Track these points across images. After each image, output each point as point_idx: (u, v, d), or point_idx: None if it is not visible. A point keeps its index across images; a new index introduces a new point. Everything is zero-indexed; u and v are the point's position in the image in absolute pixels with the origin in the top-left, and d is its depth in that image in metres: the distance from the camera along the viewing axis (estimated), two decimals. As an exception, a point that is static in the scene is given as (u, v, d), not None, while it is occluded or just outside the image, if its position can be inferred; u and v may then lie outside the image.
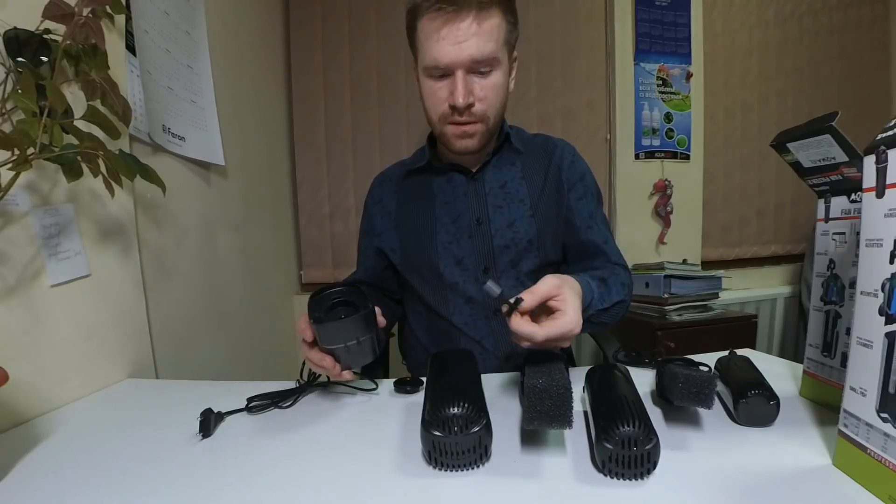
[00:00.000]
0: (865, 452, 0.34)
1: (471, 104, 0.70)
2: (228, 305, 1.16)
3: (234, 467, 0.43)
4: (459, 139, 0.75)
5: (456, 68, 0.68)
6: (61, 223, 0.63)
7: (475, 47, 0.67)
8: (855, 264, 0.43)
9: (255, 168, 1.36)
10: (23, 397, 0.56)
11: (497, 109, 0.74)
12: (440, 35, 0.67)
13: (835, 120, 0.41)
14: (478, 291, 0.79)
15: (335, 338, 0.52)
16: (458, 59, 0.67)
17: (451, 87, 0.70)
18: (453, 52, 0.67)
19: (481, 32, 0.67)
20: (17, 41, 0.54)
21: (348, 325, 0.52)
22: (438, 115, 0.74)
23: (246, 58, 1.33)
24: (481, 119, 0.73)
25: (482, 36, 0.67)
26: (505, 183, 0.81)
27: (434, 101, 0.73)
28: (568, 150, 0.86)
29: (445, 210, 0.81)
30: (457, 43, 0.67)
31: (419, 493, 0.37)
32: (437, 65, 0.69)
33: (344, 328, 0.52)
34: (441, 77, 0.71)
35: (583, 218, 0.81)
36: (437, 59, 0.68)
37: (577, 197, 0.82)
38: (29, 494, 0.40)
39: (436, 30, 0.67)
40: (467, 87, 0.69)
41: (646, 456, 0.36)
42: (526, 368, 0.46)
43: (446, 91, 0.71)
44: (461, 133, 0.74)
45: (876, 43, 2.03)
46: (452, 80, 0.69)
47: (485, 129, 0.74)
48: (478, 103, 0.71)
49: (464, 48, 0.67)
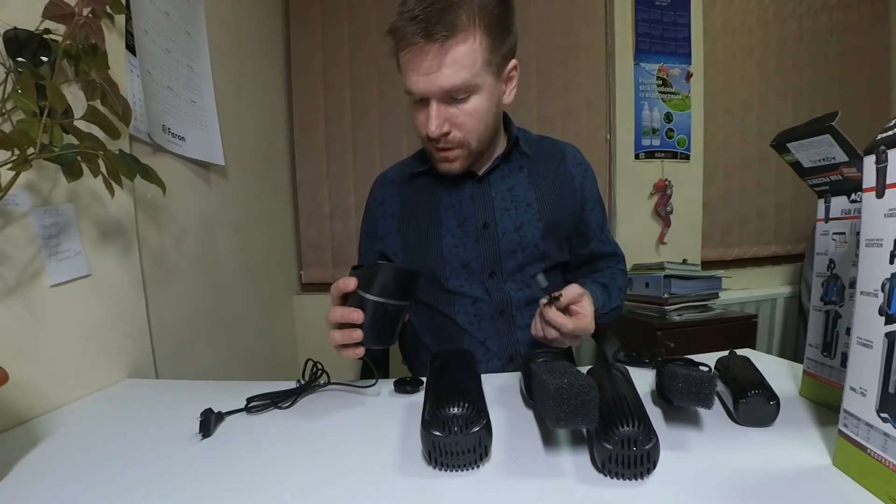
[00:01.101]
0: (865, 452, 0.34)
1: (446, 132, 0.70)
2: (228, 305, 1.16)
3: (234, 467, 0.43)
4: (441, 163, 0.76)
5: (430, 97, 0.68)
6: (61, 223, 0.63)
7: (444, 78, 0.65)
8: (855, 264, 0.43)
9: (255, 168, 1.36)
10: (23, 397, 0.56)
11: (480, 133, 0.73)
12: (410, 67, 0.67)
13: (835, 120, 0.41)
14: (484, 293, 0.79)
15: (385, 286, 0.54)
16: (428, 90, 0.67)
17: (426, 115, 0.69)
18: (423, 84, 0.66)
19: (449, 63, 0.65)
20: (17, 41, 0.54)
21: (402, 276, 0.54)
22: (422, 138, 0.75)
23: (246, 58, 1.33)
24: (459, 145, 0.72)
25: (451, 66, 0.65)
26: (512, 186, 0.81)
27: (417, 125, 0.74)
28: (577, 156, 0.88)
29: (451, 213, 0.81)
30: (426, 74, 0.66)
31: (419, 493, 0.37)
32: (412, 93, 0.69)
33: (397, 279, 0.54)
34: (420, 102, 0.71)
35: (594, 231, 0.87)
36: (411, 89, 0.69)
37: (590, 208, 0.86)
38: (29, 494, 0.39)
39: (408, 61, 0.67)
40: (441, 117, 0.69)
41: (645, 456, 0.36)
42: (536, 370, 0.45)
43: (424, 118, 0.70)
44: (441, 158, 0.75)
45: (876, 43, 2.03)
46: (427, 110, 0.69)
47: (467, 153, 0.74)
48: (454, 130, 0.70)
49: (432, 80, 0.66)
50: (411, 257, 0.83)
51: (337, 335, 0.56)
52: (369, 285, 0.54)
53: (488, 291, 0.79)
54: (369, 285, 0.54)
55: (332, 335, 0.57)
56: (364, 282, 0.55)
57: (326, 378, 0.63)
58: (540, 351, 0.54)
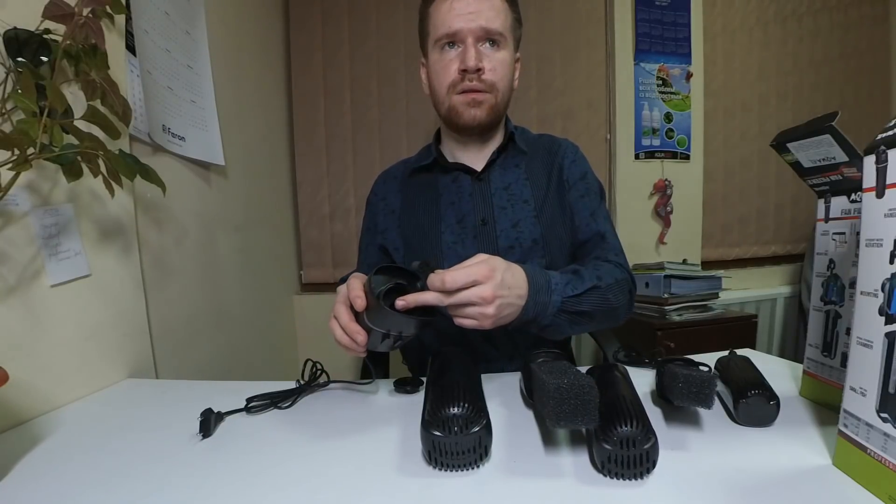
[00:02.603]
0: (865, 452, 0.34)
1: (480, 69, 0.74)
2: (228, 305, 1.16)
3: (234, 467, 0.43)
4: (468, 107, 0.76)
5: (466, 36, 0.73)
6: (61, 223, 0.63)
7: (485, 18, 0.72)
8: (855, 264, 0.43)
9: (255, 168, 1.36)
10: (23, 397, 0.56)
11: (505, 84, 0.78)
12: (452, 7, 0.73)
13: (835, 120, 0.41)
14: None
15: (391, 323, 0.50)
16: (468, 26, 0.73)
17: (462, 54, 0.74)
18: (465, 20, 0.73)
19: (490, 6, 0.73)
20: (17, 41, 0.54)
21: (410, 320, 0.51)
22: (448, 85, 0.76)
23: (246, 58, 1.33)
24: (490, 89, 0.76)
25: (492, 9, 0.73)
26: (509, 184, 0.81)
27: (444, 73, 0.76)
28: (570, 149, 0.86)
29: (451, 210, 0.81)
30: (468, 12, 0.72)
31: (419, 493, 0.37)
32: (449, 31, 0.74)
33: (404, 320, 0.50)
34: (451, 47, 0.76)
35: (583, 216, 0.81)
36: (450, 26, 0.73)
37: (579, 195, 0.82)
38: (29, 494, 0.40)
39: (449, 3, 0.74)
40: (478, 53, 0.74)
41: (644, 456, 0.36)
42: (536, 369, 0.45)
43: (457, 59, 0.75)
44: (470, 101, 0.76)
45: (876, 43, 2.03)
46: (464, 48, 0.74)
47: (493, 100, 0.77)
48: (488, 72, 0.75)
49: (474, 17, 0.72)
50: (411, 252, 0.83)
51: (338, 333, 0.54)
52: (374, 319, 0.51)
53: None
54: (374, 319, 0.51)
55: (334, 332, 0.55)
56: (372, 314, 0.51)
57: (326, 378, 0.63)
58: (540, 351, 0.54)
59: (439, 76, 0.77)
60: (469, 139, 0.83)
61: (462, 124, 0.78)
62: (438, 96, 0.79)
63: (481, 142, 0.83)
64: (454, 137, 0.84)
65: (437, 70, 0.77)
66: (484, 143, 0.84)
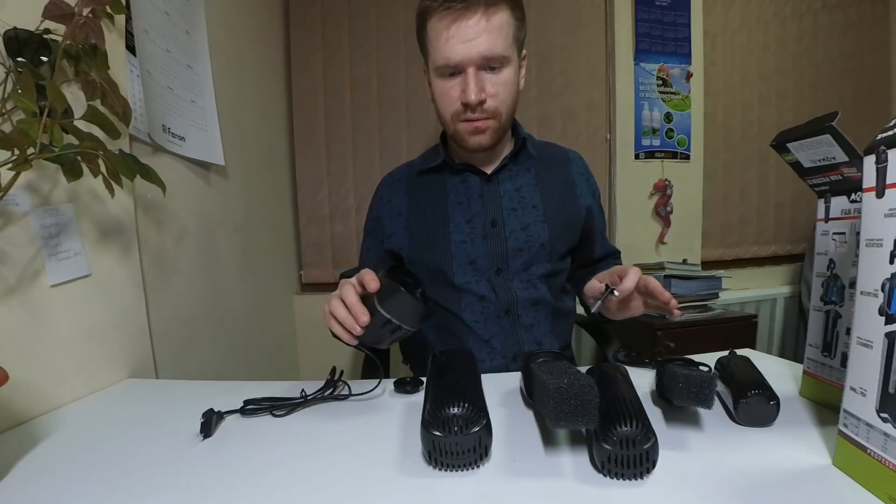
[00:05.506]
0: (865, 452, 0.34)
1: (482, 100, 0.72)
2: (228, 305, 1.16)
3: (234, 467, 0.43)
4: (472, 135, 0.76)
5: (467, 66, 0.70)
6: (61, 223, 0.63)
7: (485, 44, 0.68)
8: (855, 264, 0.43)
9: (255, 168, 1.36)
10: (23, 397, 0.56)
11: (509, 106, 0.76)
12: (449, 34, 0.68)
13: (835, 120, 0.41)
14: (490, 291, 0.79)
15: (398, 309, 0.52)
16: (468, 56, 0.69)
17: (462, 84, 0.71)
18: (463, 50, 0.68)
19: (490, 29, 0.68)
20: (17, 41, 0.54)
21: (417, 310, 0.53)
22: (451, 114, 0.75)
23: (246, 58, 1.33)
24: (493, 115, 0.74)
25: (492, 32, 0.68)
26: (520, 187, 0.82)
27: (447, 101, 0.74)
28: (581, 164, 0.90)
29: (459, 210, 0.81)
30: (466, 41, 0.68)
31: (419, 493, 0.37)
32: (448, 63, 0.70)
33: (412, 309, 0.52)
34: (452, 76, 0.72)
35: (598, 236, 0.90)
36: (448, 58, 0.70)
37: (594, 215, 0.89)
38: (29, 494, 0.39)
39: (445, 28, 0.69)
40: (479, 84, 0.70)
41: (644, 455, 0.36)
42: (536, 370, 0.45)
43: (458, 89, 0.72)
44: (473, 129, 0.75)
45: (876, 43, 2.03)
46: (464, 78, 0.71)
47: (497, 125, 0.76)
48: (489, 99, 0.72)
49: (473, 45, 0.68)
50: (419, 253, 0.83)
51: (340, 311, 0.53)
52: (385, 301, 0.52)
53: (494, 289, 0.79)
54: (385, 301, 0.52)
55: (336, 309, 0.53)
56: (384, 294, 0.52)
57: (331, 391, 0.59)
58: (540, 351, 0.54)
59: (442, 102, 0.76)
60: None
61: (467, 149, 0.79)
62: (443, 120, 0.78)
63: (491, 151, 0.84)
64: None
65: (440, 96, 0.76)
66: (493, 151, 0.83)
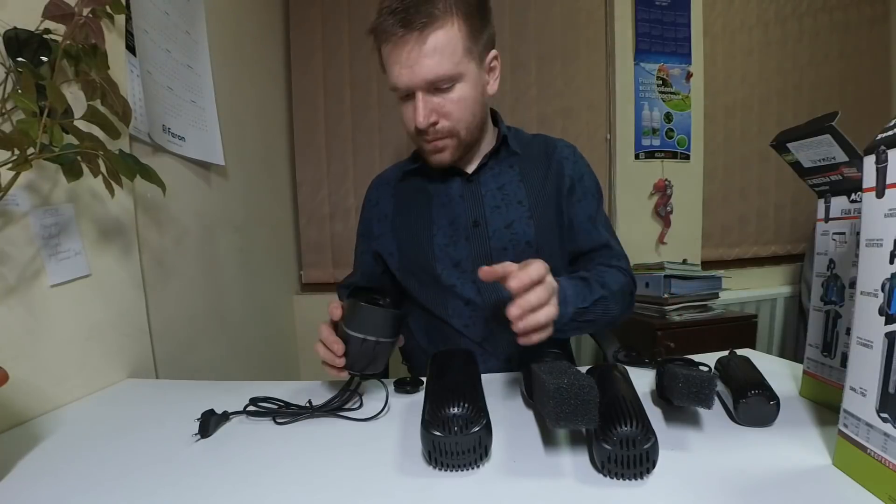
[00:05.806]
0: (865, 452, 0.34)
1: (434, 123, 0.71)
2: (228, 305, 1.16)
3: (233, 467, 0.43)
4: (432, 154, 0.76)
5: (415, 90, 0.69)
6: (61, 223, 0.63)
7: (426, 68, 0.66)
8: (855, 264, 0.43)
9: (255, 168, 1.36)
10: (23, 397, 0.56)
11: (468, 122, 0.74)
12: (392, 60, 0.68)
13: (835, 120, 0.41)
14: (476, 294, 0.79)
15: (363, 324, 0.53)
16: (412, 82, 0.68)
17: (413, 108, 0.70)
18: (407, 76, 0.67)
19: (430, 52, 0.65)
20: (17, 41, 0.54)
21: (381, 317, 0.54)
22: (410, 133, 0.75)
23: (246, 58, 1.33)
24: (449, 134, 0.73)
25: (433, 55, 0.66)
26: (503, 185, 0.81)
27: (406, 121, 0.75)
28: (567, 150, 0.85)
29: (442, 212, 0.81)
30: (408, 66, 0.67)
31: (419, 493, 0.37)
32: (397, 88, 0.70)
33: (376, 318, 0.54)
34: (407, 97, 0.72)
35: (582, 221, 0.81)
36: (395, 84, 0.70)
37: (577, 199, 0.81)
38: (29, 494, 0.39)
39: (388, 54, 0.68)
40: (428, 108, 0.70)
41: (644, 456, 0.36)
42: (536, 370, 0.45)
43: (411, 111, 0.71)
44: (433, 148, 0.75)
45: (876, 43, 2.03)
46: (414, 101, 0.70)
47: (456, 142, 0.75)
48: (442, 120, 0.71)
49: (416, 71, 0.67)
50: (404, 256, 0.83)
51: (321, 351, 0.57)
52: (350, 321, 0.55)
53: (480, 291, 0.78)
54: (350, 321, 0.55)
55: (318, 351, 0.58)
56: (348, 316, 0.55)
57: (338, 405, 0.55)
58: (542, 353, 0.54)
59: (404, 122, 0.76)
60: None
61: (431, 165, 0.79)
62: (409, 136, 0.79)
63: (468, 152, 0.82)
64: None
65: (402, 116, 0.75)
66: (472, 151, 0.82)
